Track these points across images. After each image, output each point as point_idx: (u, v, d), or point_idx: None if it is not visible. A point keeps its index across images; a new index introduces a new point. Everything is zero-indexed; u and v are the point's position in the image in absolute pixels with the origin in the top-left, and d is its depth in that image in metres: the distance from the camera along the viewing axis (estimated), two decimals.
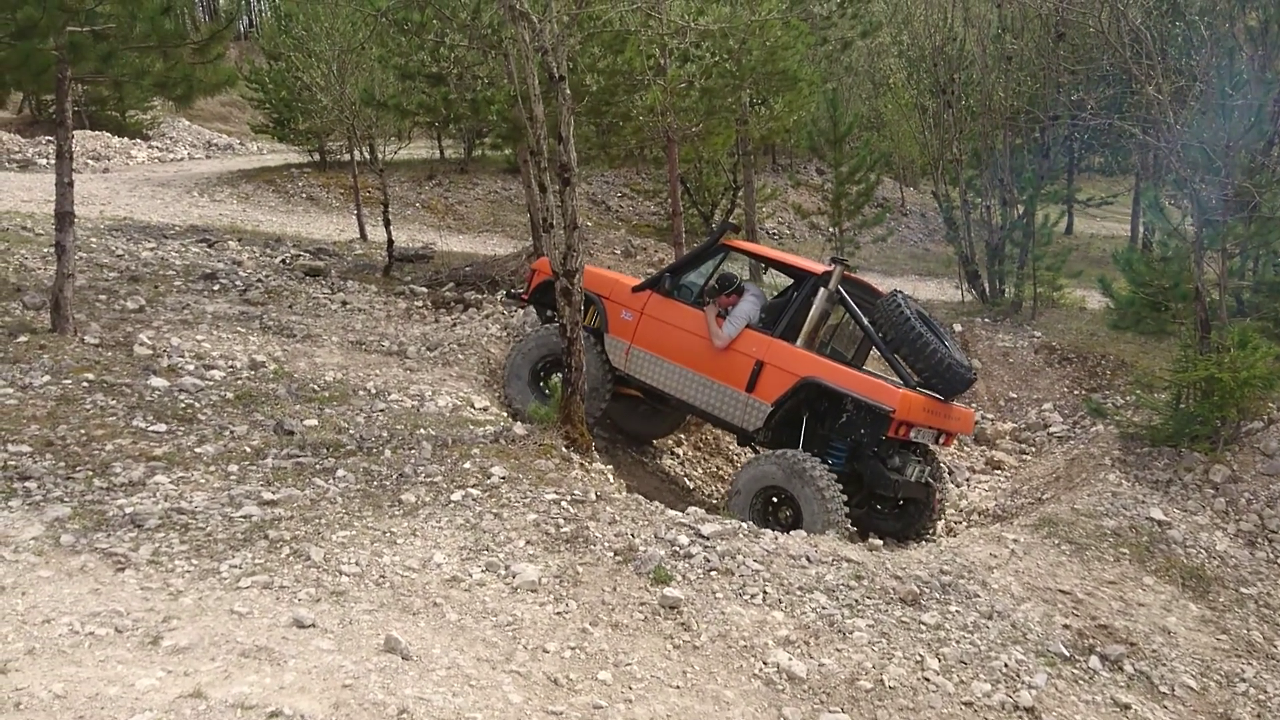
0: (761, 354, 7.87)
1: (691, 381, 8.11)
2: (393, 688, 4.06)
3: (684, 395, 8.23)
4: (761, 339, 7.93)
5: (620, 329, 8.40)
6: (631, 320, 8.36)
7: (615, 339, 8.42)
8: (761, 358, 7.86)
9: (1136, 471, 8.15)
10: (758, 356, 7.88)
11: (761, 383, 7.87)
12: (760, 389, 7.87)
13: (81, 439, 6.21)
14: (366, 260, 12.82)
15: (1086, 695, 5.23)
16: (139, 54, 8.00)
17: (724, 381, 8.01)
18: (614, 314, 8.45)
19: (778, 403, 7.78)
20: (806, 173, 24.36)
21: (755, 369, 7.88)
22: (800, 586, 5.69)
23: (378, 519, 5.78)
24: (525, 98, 7.06)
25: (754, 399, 7.88)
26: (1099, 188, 27.13)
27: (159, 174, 21.14)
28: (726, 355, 7.99)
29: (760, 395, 7.86)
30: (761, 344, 7.91)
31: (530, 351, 8.59)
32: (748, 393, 7.89)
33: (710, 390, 8.08)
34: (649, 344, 8.21)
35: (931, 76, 14.53)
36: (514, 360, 8.69)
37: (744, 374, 7.92)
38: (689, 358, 8.12)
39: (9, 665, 3.82)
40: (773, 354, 7.85)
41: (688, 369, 8.13)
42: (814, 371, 7.71)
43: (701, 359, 8.08)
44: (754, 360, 7.88)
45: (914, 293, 15.37)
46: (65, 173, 7.75)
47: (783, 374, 7.78)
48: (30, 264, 9.85)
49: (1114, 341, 11.79)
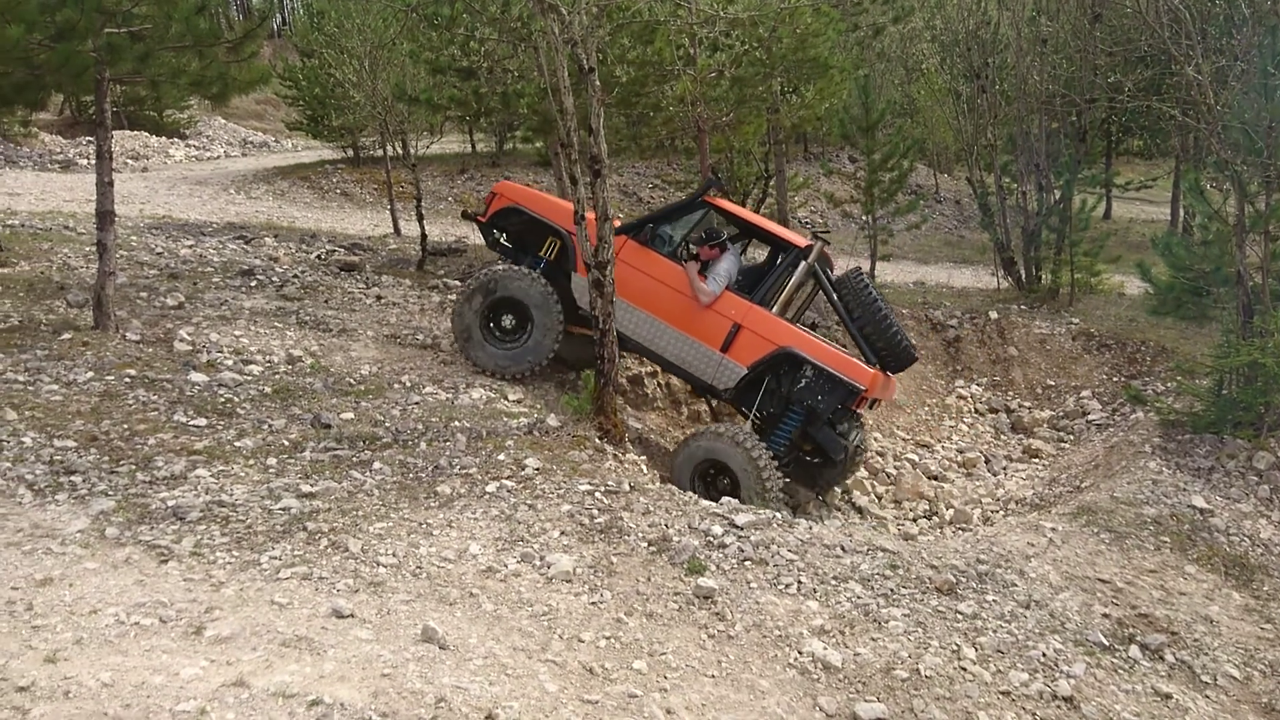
0: (740, 317, 8.10)
1: (664, 334, 8.21)
2: (430, 677, 4.11)
3: (654, 346, 8.34)
4: (741, 302, 8.12)
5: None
6: None
7: (584, 280, 8.35)
8: (740, 321, 8.10)
9: (1178, 459, 8.04)
10: (736, 319, 8.10)
11: (737, 345, 8.11)
12: (735, 351, 8.12)
13: (124, 434, 6.32)
14: (400, 255, 12.91)
15: (1126, 685, 5.18)
16: (175, 54, 8.10)
17: (699, 339, 8.19)
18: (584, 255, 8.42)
19: (753, 367, 8.04)
20: (839, 161, 24.19)
21: (732, 331, 8.08)
22: (835, 576, 5.68)
23: (414, 511, 5.84)
24: (555, 90, 7.07)
25: (729, 360, 8.12)
26: (1137, 171, 26.66)
27: (196, 172, 21.41)
28: (703, 313, 8.14)
29: (735, 357, 8.11)
30: (740, 307, 8.11)
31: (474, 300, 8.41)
32: (722, 353, 8.11)
33: (684, 345, 8.23)
34: (622, 290, 8.07)
35: (965, 61, 14.35)
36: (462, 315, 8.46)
37: (720, 334, 8.11)
38: (663, 310, 8.20)
39: (58, 655, 3.90)
40: (752, 319, 8.09)
41: (661, 321, 8.21)
42: (792, 342, 8.04)
43: (676, 313, 8.19)
44: (731, 323, 8.09)
45: (948, 280, 15.26)
46: (105, 172, 7.88)
47: (761, 340, 8.05)
48: (73, 262, 10.03)
49: (1153, 327, 11.62)
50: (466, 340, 8.51)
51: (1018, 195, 13.71)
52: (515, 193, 8.97)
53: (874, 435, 10.76)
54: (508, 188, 9.08)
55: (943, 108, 19.05)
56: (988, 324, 12.44)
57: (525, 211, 8.76)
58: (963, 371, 12.12)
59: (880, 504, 9.18)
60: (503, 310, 8.46)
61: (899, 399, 11.26)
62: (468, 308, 8.45)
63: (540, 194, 9.02)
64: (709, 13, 8.98)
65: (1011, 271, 14.05)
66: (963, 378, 12.02)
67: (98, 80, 7.68)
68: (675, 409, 10.23)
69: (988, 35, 13.99)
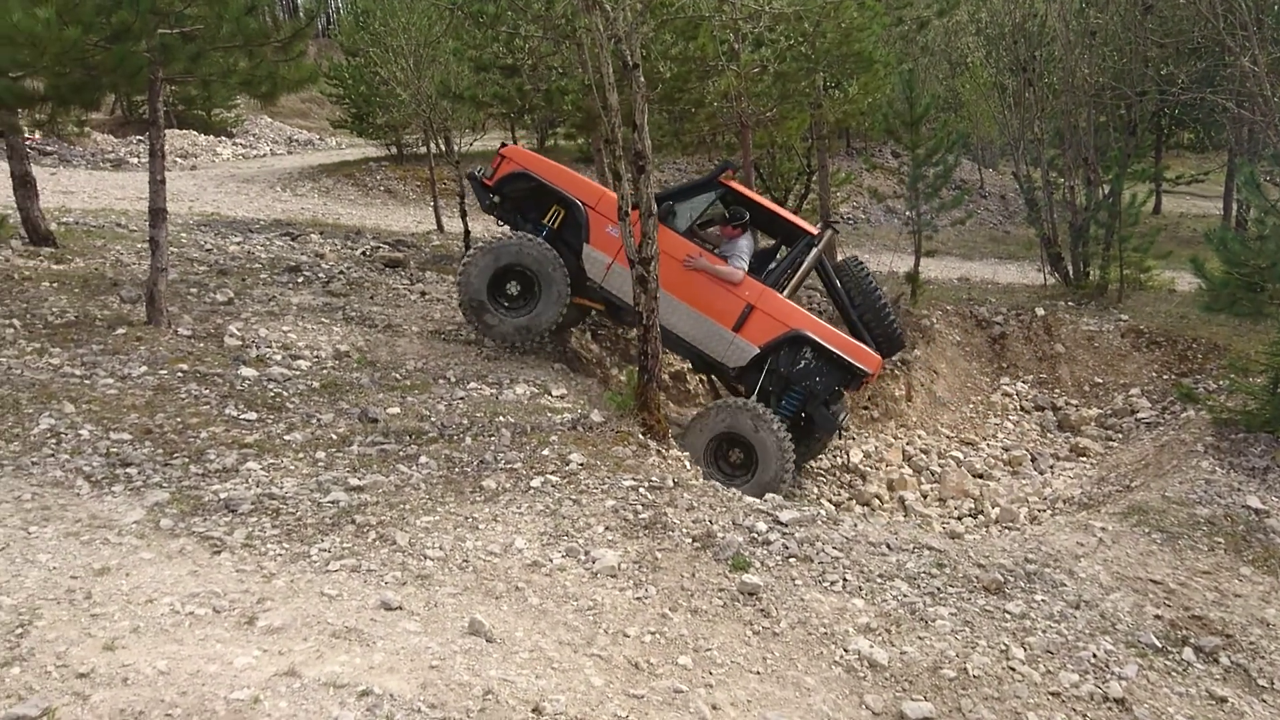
0: (754, 299, 8.24)
1: (677, 310, 8.28)
2: (477, 669, 4.14)
3: (669, 323, 8.34)
4: (755, 284, 8.27)
5: (603, 243, 8.37)
6: (618, 236, 8.25)
7: (596, 252, 8.41)
8: (753, 302, 8.23)
9: (1231, 458, 7.88)
10: (749, 300, 8.23)
11: (749, 326, 8.26)
12: (748, 331, 8.26)
13: (178, 427, 6.44)
14: (444, 251, 13.02)
15: (1180, 687, 5.09)
16: (225, 53, 8.23)
17: (712, 317, 8.29)
18: (597, 226, 8.40)
19: (764, 347, 8.21)
20: (882, 156, 23.98)
21: (745, 311, 8.22)
22: (881, 574, 5.64)
23: (460, 505, 5.89)
24: (599, 86, 7.08)
25: (740, 339, 8.27)
26: (1188, 165, 26.15)
27: (243, 170, 21.74)
28: (717, 292, 8.25)
29: (747, 337, 8.26)
30: (754, 289, 8.26)
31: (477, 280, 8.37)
32: (734, 332, 8.25)
33: (696, 323, 8.33)
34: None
35: (1011, 54, 14.16)
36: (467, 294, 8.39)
37: (734, 314, 8.25)
38: (681, 288, 8.26)
39: (116, 643, 3.99)
40: (765, 301, 8.25)
41: (675, 298, 8.25)
42: (804, 325, 8.23)
43: (690, 290, 8.28)
44: (745, 303, 8.22)
45: (994, 276, 15.09)
46: (158, 170, 8.03)
47: (773, 322, 8.22)
48: (125, 259, 10.23)
49: (1206, 324, 11.39)
50: (474, 307, 8.47)
51: (1064, 190, 13.52)
52: (524, 157, 8.86)
53: (918, 433, 10.67)
54: (516, 152, 8.95)
55: (988, 102, 18.80)
56: (1034, 320, 12.27)
57: (533, 177, 8.68)
58: (1008, 369, 11.97)
59: (925, 502, 9.10)
60: (509, 278, 8.45)
61: (943, 396, 11.15)
62: (474, 274, 8.39)
63: (549, 160, 8.93)
64: (753, 8, 8.94)
65: (1058, 267, 13.85)
66: (1008, 375, 11.87)
67: (151, 80, 7.83)
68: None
69: (1034, 28, 13.79)
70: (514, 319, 8.48)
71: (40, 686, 3.63)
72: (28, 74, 7.24)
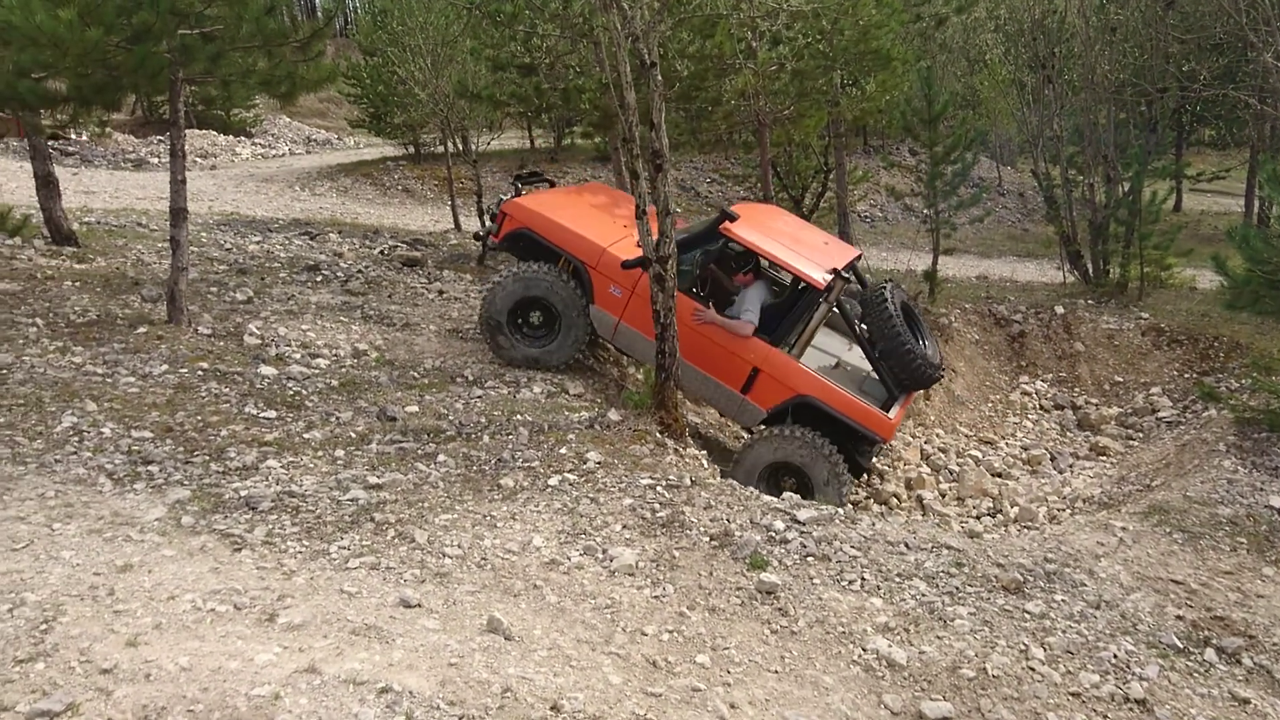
0: (759, 361, 8.01)
1: (687, 371, 8.04)
2: (496, 667, 4.16)
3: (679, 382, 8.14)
4: (760, 345, 8.01)
5: (608, 303, 8.21)
6: (621, 297, 8.19)
7: (603, 312, 8.28)
8: (758, 365, 8.01)
9: (1254, 458, 7.81)
10: (754, 363, 8.01)
11: (757, 388, 8.07)
12: (756, 394, 8.08)
13: (198, 425, 6.49)
14: (461, 250, 13.05)
15: (1202, 689, 5.05)
16: (245, 53, 8.27)
17: (719, 379, 8.15)
18: (601, 287, 8.23)
19: (773, 411, 8.03)
20: (899, 153, 23.88)
21: (751, 374, 8.03)
22: (899, 573, 5.62)
23: (478, 503, 5.91)
24: (616, 85, 7.08)
25: (749, 401, 8.10)
26: (1209, 162, 25.93)
27: (262, 170, 21.86)
28: (723, 354, 8.05)
29: (755, 400, 8.08)
30: (759, 351, 8.01)
31: (502, 302, 8.30)
32: (743, 394, 8.09)
33: (705, 383, 8.21)
34: (642, 326, 8.00)
35: (1030, 51, 14.09)
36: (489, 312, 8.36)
37: (741, 377, 8.08)
38: (686, 349, 7.86)
39: (139, 639, 4.02)
40: (771, 364, 8.00)
41: (684, 360, 7.90)
42: (810, 390, 7.95)
43: (698, 352, 8.05)
44: (750, 366, 8.01)
45: (1012, 274, 15.00)
46: (179, 170, 8.08)
47: (780, 386, 7.99)
48: (146, 258, 10.31)
49: (1228, 323, 11.30)
50: (491, 326, 8.40)
51: (1084, 187, 13.43)
52: (525, 216, 8.52)
53: (936, 431, 10.63)
54: (517, 209, 8.58)
55: (1006, 99, 18.71)
56: (1053, 319, 12.20)
57: (535, 238, 8.44)
58: (1027, 367, 11.90)
59: (944, 501, 9.06)
60: (529, 308, 8.38)
61: (961, 395, 11.10)
62: (500, 296, 8.31)
63: (549, 215, 8.52)
64: (770, 5, 8.93)
65: (1078, 265, 13.77)
66: (1027, 374, 11.80)
67: (172, 80, 7.88)
68: None
69: (1054, 24, 13.70)
70: (526, 348, 8.41)
71: (64, 682, 3.67)
72: (50, 75, 7.30)
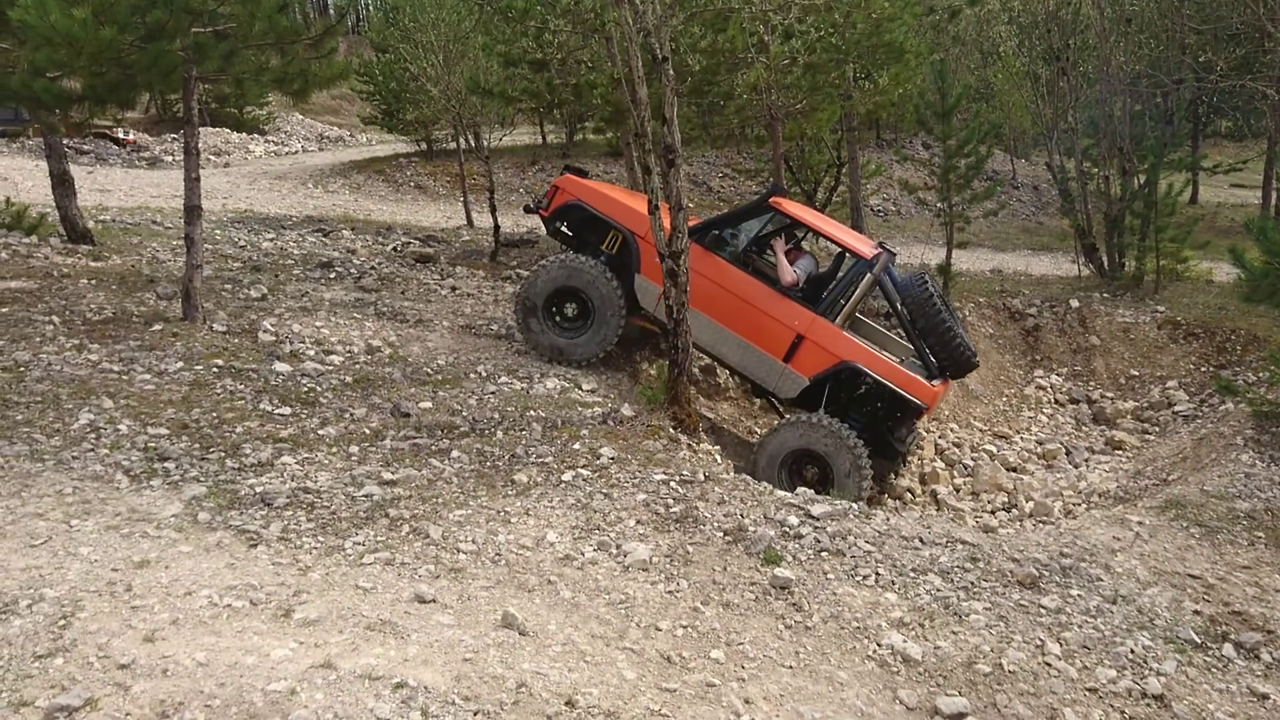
0: (804, 328, 8.06)
1: (729, 341, 8.22)
2: (511, 662, 4.16)
3: (719, 352, 8.41)
4: (805, 313, 8.07)
5: (654, 273, 8.23)
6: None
7: (648, 282, 8.39)
8: (803, 332, 8.06)
9: (1272, 452, 7.75)
10: (799, 330, 8.06)
11: (799, 356, 8.10)
12: (798, 362, 8.11)
13: (214, 421, 6.52)
14: (474, 246, 13.07)
15: (1220, 684, 5.02)
16: (258, 51, 8.30)
17: (762, 348, 8.18)
18: (648, 255, 8.35)
19: (814, 379, 8.04)
20: (912, 147, 23.78)
21: (795, 341, 8.06)
22: (913, 568, 5.61)
23: (492, 499, 5.92)
24: (628, 80, 7.07)
25: (791, 370, 8.13)
26: (1226, 154, 25.72)
27: (275, 167, 21.94)
28: (767, 322, 8.11)
29: (797, 368, 8.11)
30: (804, 318, 8.07)
31: (542, 286, 8.46)
32: (785, 363, 8.11)
33: (748, 353, 8.25)
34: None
35: (1044, 43, 14.00)
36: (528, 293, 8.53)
37: (784, 344, 8.11)
38: (727, 316, 8.18)
39: (156, 634, 4.05)
40: (815, 331, 8.04)
41: (725, 328, 8.19)
42: (854, 356, 7.99)
43: (741, 320, 8.17)
44: (795, 333, 8.06)
45: (1027, 268, 14.93)
46: (193, 168, 8.12)
47: (823, 353, 8.03)
48: (161, 256, 10.36)
49: (1245, 315, 11.20)
50: (526, 308, 8.55)
51: (1099, 180, 13.34)
52: (577, 188, 8.88)
53: (950, 426, 10.59)
54: (570, 183, 8.97)
55: (1020, 91, 18.60)
56: (1068, 312, 12.13)
57: (586, 208, 8.74)
58: (1042, 361, 11.84)
59: (958, 496, 9.03)
60: (566, 299, 8.51)
61: (975, 389, 11.05)
62: (542, 280, 8.48)
63: (602, 190, 8.94)
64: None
65: (1093, 258, 13.68)
66: (1042, 368, 11.74)
67: (185, 79, 7.91)
68: (748, 399, 10.19)
69: (1068, 15, 13.61)
70: (555, 337, 8.54)
71: (82, 677, 3.70)
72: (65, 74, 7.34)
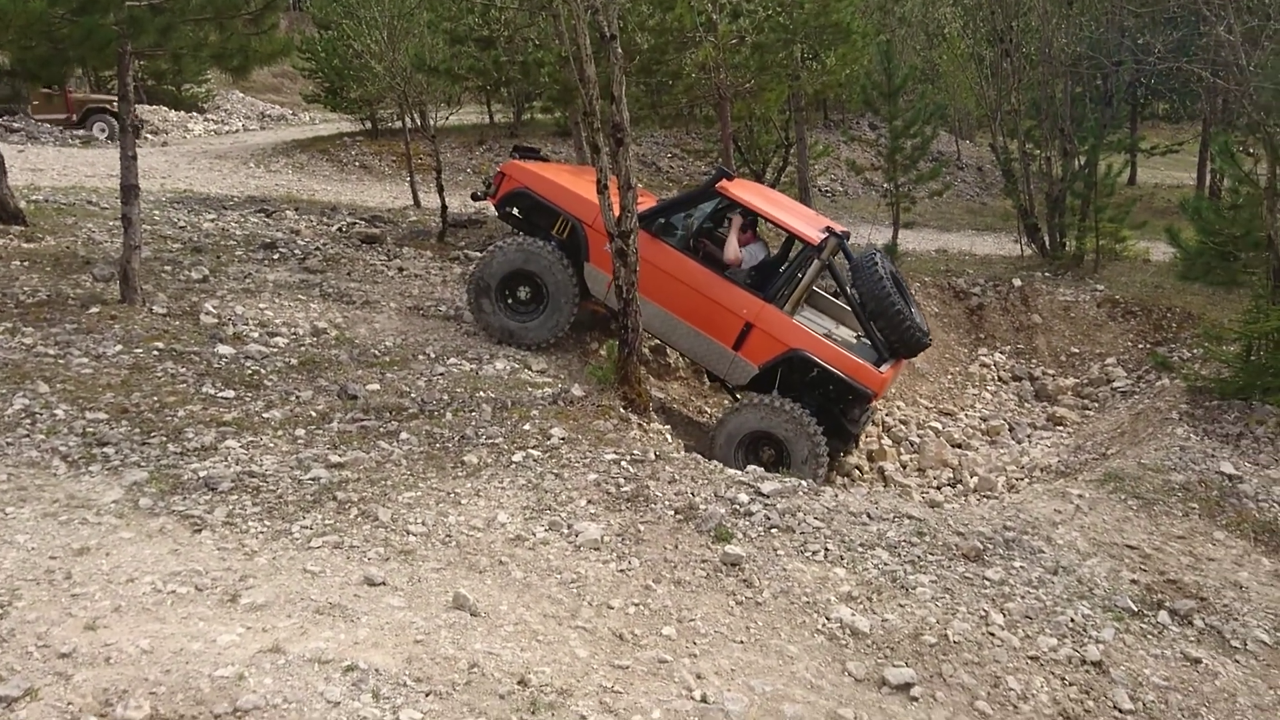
0: (752, 316, 8.05)
1: (679, 328, 8.23)
2: (462, 643, 4.16)
3: (670, 339, 8.46)
4: (753, 301, 8.06)
5: (603, 261, 8.15)
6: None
7: (597, 270, 8.34)
8: (751, 320, 8.05)
9: (1205, 425, 7.98)
10: (747, 318, 8.05)
11: (749, 344, 8.10)
12: (747, 350, 8.12)
13: (154, 406, 6.38)
14: (421, 226, 12.91)
15: (1155, 649, 5.18)
16: (195, 26, 8.09)
17: (711, 335, 8.19)
18: (596, 244, 8.29)
19: (764, 366, 8.06)
20: (859, 128, 23.93)
21: (744, 329, 8.07)
22: (861, 543, 5.69)
23: (442, 480, 5.88)
24: (576, 58, 7.02)
25: (740, 358, 8.14)
26: (1164, 135, 26.26)
27: (215, 146, 21.44)
28: (716, 310, 8.10)
29: (747, 356, 8.12)
30: (753, 306, 8.06)
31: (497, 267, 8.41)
32: (735, 350, 8.12)
33: (697, 341, 8.26)
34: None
35: (988, 25, 14.16)
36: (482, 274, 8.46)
37: (733, 332, 8.10)
38: (677, 305, 8.17)
39: (98, 622, 3.97)
40: (764, 319, 8.04)
41: (676, 316, 8.19)
42: (803, 344, 8.00)
43: (690, 308, 8.16)
44: (744, 321, 8.06)
45: (971, 248, 15.13)
46: (129, 146, 7.90)
47: (772, 341, 8.03)
48: (97, 237, 10.08)
49: (1180, 293, 11.50)
50: (479, 289, 8.48)
51: (1041, 161, 13.56)
52: (524, 174, 8.77)
53: (897, 404, 10.74)
54: (516, 169, 8.84)
55: (965, 73, 18.80)
56: (1011, 291, 12.35)
57: (532, 195, 8.65)
58: (986, 339, 12.04)
59: (905, 472, 9.17)
60: (520, 282, 8.45)
61: (921, 367, 11.21)
62: (497, 260, 8.41)
63: (549, 175, 8.81)
64: None
65: (1035, 238, 13.92)
66: (986, 346, 11.95)
67: (120, 54, 7.69)
68: (697, 378, 10.22)
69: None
70: (507, 320, 8.48)
71: (21, 667, 3.62)
72: None
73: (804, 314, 8.59)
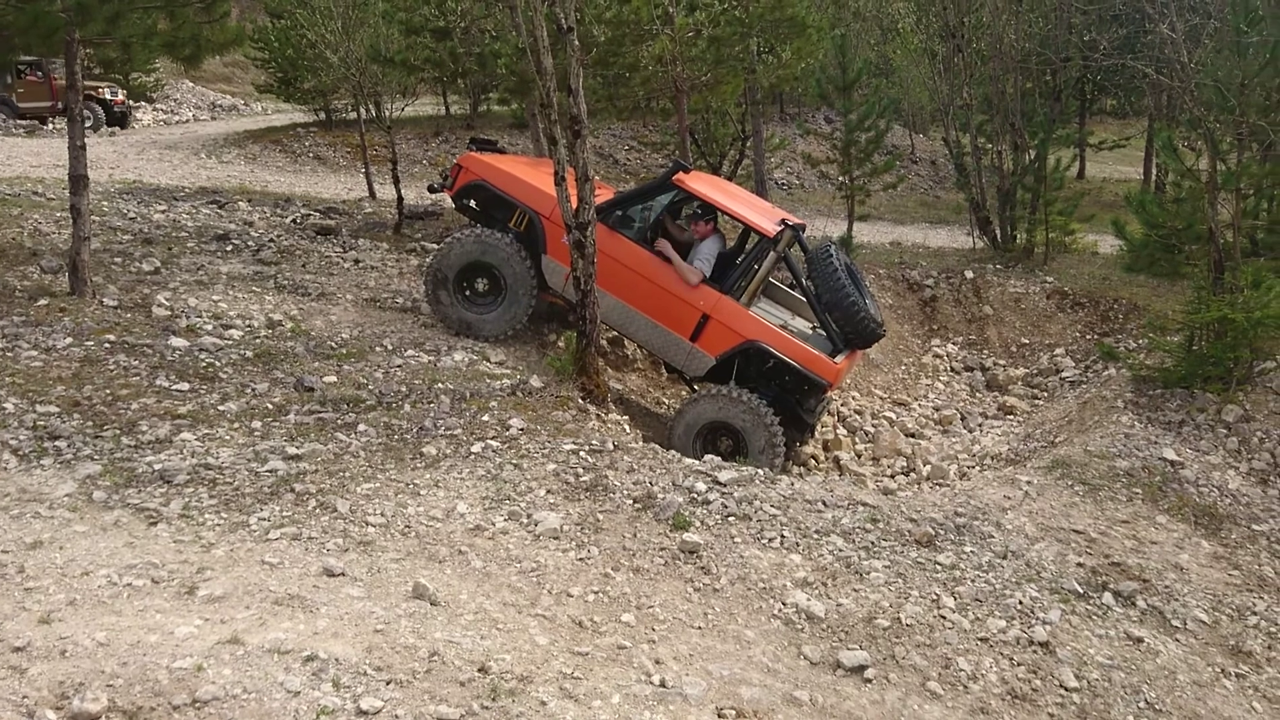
0: (709, 308, 8.10)
1: (636, 320, 8.28)
2: (423, 632, 4.18)
3: (627, 331, 8.49)
4: (710, 293, 8.12)
5: (561, 253, 8.15)
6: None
7: (554, 262, 8.37)
8: (708, 312, 8.10)
9: (1149, 413, 8.20)
10: (704, 310, 8.10)
11: (705, 336, 8.16)
12: (704, 341, 8.17)
13: (107, 399, 6.30)
14: (376, 218, 12.81)
15: (1100, 629, 5.33)
16: (145, 14, 7.97)
17: (669, 327, 8.24)
18: (553, 236, 8.30)
19: (720, 357, 8.11)
20: (815, 121, 24.13)
21: (701, 321, 8.11)
22: (817, 530, 5.79)
23: (400, 471, 5.88)
24: (534, 50, 7.03)
25: (697, 349, 8.19)
26: (1111, 130, 26.78)
27: (165, 136, 21.08)
28: (673, 302, 8.14)
29: (704, 347, 8.17)
30: (710, 298, 8.11)
31: (455, 259, 8.40)
32: (691, 342, 8.18)
33: (655, 332, 8.32)
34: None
35: (941, 20, 14.35)
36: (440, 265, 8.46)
37: (689, 324, 8.15)
38: (634, 296, 8.22)
39: (52, 616, 3.94)
40: (720, 310, 8.09)
41: (633, 308, 8.24)
42: (759, 335, 8.05)
43: (647, 299, 8.20)
44: (700, 313, 8.10)
45: (924, 240, 15.36)
46: (78, 136, 7.76)
47: (729, 332, 8.08)
48: (44, 228, 9.89)
49: (1126, 285, 11.78)
50: (436, 280, 8.46)
51: (993, 155, 13.79)
52: (481, 167, 8.75)
53: (851, 394, 10.88)
54: (473, 161, 8.83)
55: (918, 67, 19.05)
56: (963, 283, 12.55)
57: (489, 188, 8.65)
58: (939, 330, 12.24)
59: (859, 461, 9.30)
60: (478, 273, 8.44)
61: (876, 358, 11.37)
62: (455, 252, 8.38)
63: (506, 168, 8.79)
64: None
65: (987, 231, 14.16)
66: (939, 337, 12.14)
67: (67, 41, 7.55)
68: (655, 369, 10.28)
69: None
70: (465, 311, 8.47)
71: None
72: None
73: (760, 305, 8.67)
